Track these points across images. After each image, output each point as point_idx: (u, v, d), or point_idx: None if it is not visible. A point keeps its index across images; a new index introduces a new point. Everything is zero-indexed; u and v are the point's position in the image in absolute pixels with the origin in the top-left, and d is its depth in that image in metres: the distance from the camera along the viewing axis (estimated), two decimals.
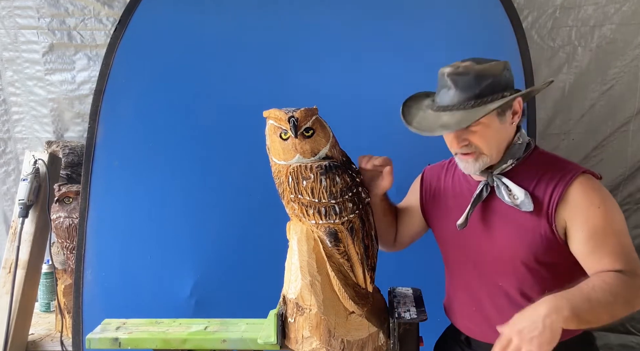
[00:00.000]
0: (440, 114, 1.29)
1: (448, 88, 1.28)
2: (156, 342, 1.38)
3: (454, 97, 1.27)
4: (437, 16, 2.05)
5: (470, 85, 1.25)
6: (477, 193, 1.33)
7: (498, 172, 1.33)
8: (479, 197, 1.33)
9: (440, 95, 1.30)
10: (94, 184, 2.07)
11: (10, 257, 2.20)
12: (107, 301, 2.01)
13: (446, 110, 1.28)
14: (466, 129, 1.26)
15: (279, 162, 1.34)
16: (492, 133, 1.29)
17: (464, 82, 1.26)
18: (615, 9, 2.25)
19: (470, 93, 1.25)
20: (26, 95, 2.52)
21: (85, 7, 2.41)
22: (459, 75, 1.27)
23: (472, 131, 1.27)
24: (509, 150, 1.32)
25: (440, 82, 1.30)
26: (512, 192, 1.29)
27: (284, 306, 1.33)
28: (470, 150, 1.29)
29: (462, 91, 1.26)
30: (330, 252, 1.34)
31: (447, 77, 1.27)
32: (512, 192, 1.29)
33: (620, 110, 2.32)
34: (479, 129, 1.27)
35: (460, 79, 1.26)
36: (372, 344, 1.33)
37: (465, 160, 1.31)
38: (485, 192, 1.33)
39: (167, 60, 2.11)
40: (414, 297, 1.47)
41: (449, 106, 1.27)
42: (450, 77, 1.27)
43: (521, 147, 1.34)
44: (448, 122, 1.26)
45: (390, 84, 2.02)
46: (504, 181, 1.31)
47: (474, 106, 1.25)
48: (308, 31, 2.08)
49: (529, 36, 2.19)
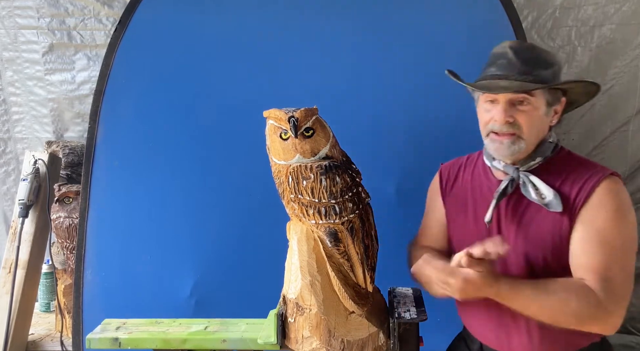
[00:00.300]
0: (495, 81, 1.26)
1: (508, 59, 1.26)
2: (156, 342, 1.38)
3: (513, 68, 1.25)
4: (437, 16, 2.05)
5: (532, 61, 1.25)
6: (502, 188, 1.29)
7: (525, 168, 1.30)
8: (503, 193, 1.29)
9: (496, 65, 1.28)
10: (94, 184, 2.07)
11: (10, 257, 2.20)
12: (107, 301, 2.01)
13: (502, 78, 1.26)
14: (515, 106, 1.24)
15: (279, 162, 1.34)
16: (537, 119, 1.26)
17: (526, 57, 1.25)
18: (615, 9, 2.25)
19: (530, 68, 1.24)
20: (26, 95, 2.52)
21: (85, 7, 2.41)
22: (523, 49, 1.27)
23: (521, 109, 1.25)
24: (539, 146, 1.30)
25: (497, 55, 1.29)
26: (540, 191, 1.26)
27: (284, 306, 1.33)
28: (511, 129, 1.25)
29: (523, 64, 1.24)
30: (330, 252, 1.34)
31: (510, 49, 1.26)
32: (539, 190, 1.26)
33: (620, 110, 2.32)
34: (528, 109, 1.25)
35: (523, 53, 1.26)
36: (372, 344, 1.33)
37: (501, 140, 1.27)
38: (510, 188, 1.29)
39: (167, 60, 2.10)
40: (414, 297, 1.47)
41: (507, 75, 1.25)
42: (513, 48, 1.26)
43: (550, 146, 1.32)
44: (509, 85, 1.23)
45: (390, 83, 2.02)
46: (531, 179, 1.27)
47: (533, 82, 1.23)
48: (308, 31, 2.08)
49: (529, 36, 2.19)
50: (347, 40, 2.06)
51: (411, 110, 2.01)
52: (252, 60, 2.08)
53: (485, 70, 1.33)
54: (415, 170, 1.98)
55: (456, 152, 1.95)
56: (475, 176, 1.41)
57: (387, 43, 2.05)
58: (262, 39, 2.08)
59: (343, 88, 2.03)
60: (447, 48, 2.02)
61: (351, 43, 2.06)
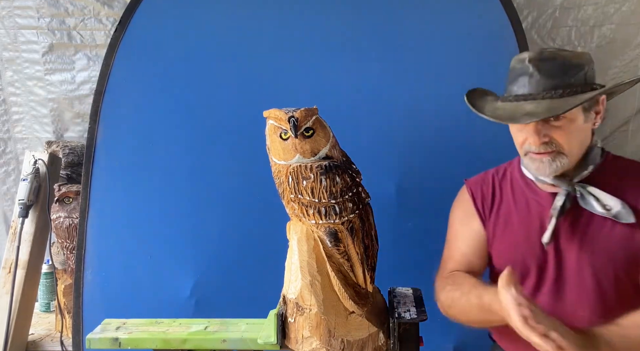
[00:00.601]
0: (520, 104, 1.14)
1: (529, 75, 1.14)
2: (156, 342, 1.38)
3: (538, 85, 1.13)
4: (436, 16, 2.05)
5: (557, 72, 1.12)
6: (559, 205, 1.17)
7: (578, 179, 1.19)
8: (562, 210, 1.17)
9: (518, 84, 1.16)
10: (94, 184, 2.06)
11: (10, 257, 2.20)
12: (107, 301, 2.01)
13: (528, 99, 1.13)
14: (548, 123, 1.13)
15: (279, 162, 1.34)
16: (575, 131, 1.15)
17: (550, 68, 1.13)
18: (614, 9, 2.25)
19: (556, 81, 1.12)
20: (26, 95, 2.52)
21: (85, 7, 2.41)
22: (544, 60, 1.14)
23: (555, 126, 1.13)
24: (587, 154, 1.20)
25: (517, 70, 1.17)
26: (602, 202, 1.15)
27: (284, 306, 1.33)
28: (549, 148, 1.15)
29: (548, 78, 1.12)
30: (330, 252, 1.34)
31: (530, 63, 1.14)
32: (601, 201, 1.15)
33: (620, 110, 2.32)
34: (563, 124, 1.13)
35: (545, 65, 1.13)
36: (372, 344, 1.33)
37: (540, 159, 1.16)
38: (569, 203, 1.18)
39: (167, 60, 2.10)
40: (414, 297, 1.47)
41: (532, 94, 1.13)
42: (534, 62, 1.14)
43: (599, 151, 1.22)
44: (534, 111, 1.11)
45: (390, 83, 2.02)
46: (590, 190, 1.16)
47: (562, 95, 1.11)
48: (308, 31, 2.08)
49: (529, 36, 2.19)
50: (347, 40, 2.06)
51: (411, 110, 2.01)
52: (252, 60, 2.08)
53: (507, 87, 1.21)
54: (415, 170, 1.98)
55: (456, 152, 1.97)
56: (517, 191, 1.29)
57: (387, 43, 2.05)
58: (262, 38, 2.08)
59: (343, 88, 2.03)
60: (447, 48, 2.02)
61: (351, 43, 2.06)
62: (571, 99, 1.10)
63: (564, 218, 1.19)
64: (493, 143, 1.96)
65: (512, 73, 1.19)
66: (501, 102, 1.20)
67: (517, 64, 1.18)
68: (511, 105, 1.16)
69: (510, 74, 1.20)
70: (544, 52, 1.15)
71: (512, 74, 1.19)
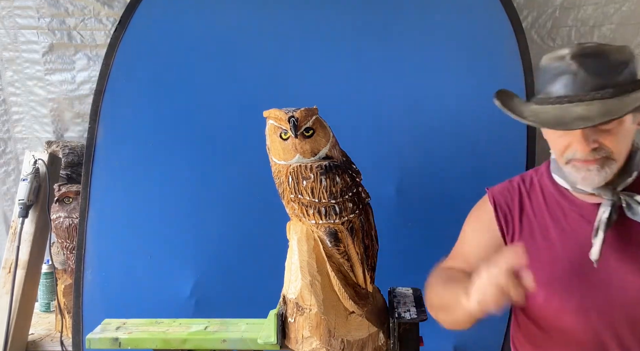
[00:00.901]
0: (565, 107, 1.01)
1: (573, 74, 1.01)
2: (156, 342, 1.38)
3: (585, 84, 1.00)
4: (436, 16, 2.05)
5: (603, 69, 1.01)
6: (605, 217, 1.06)
7: (622, 187, 1.08)
8: (609, 222, 1.06)
9: (558, 84, 1.03)
10: (94, 184, 2.06)
11: (10, 257, 2.20)
12: (107, 301, 2.01)
13: (574, 101, 1.01)
14: (597, 127, 1.00)
15: (279, 162, 1.34)
16: (626, 133, 1.04)
17: (596, 65, 1.01)
18: (614, 9, 2.25)
19: (604, 79, 1.00)
20: (26, 95, 2.52)
21: (85, 7, 2.41)
22: (588, 57, 1.02)
23: (604, 129, 1.01)
24: (631, 158, 1.09)
25: (556, 69, 1.04)
26: None
27: (284, 306, 1.33)
28: (597, 154, 1.03)
29: (595, 77, 1.00)
30: (330, 252, 1.34)
31: (572, 60, 1.01)
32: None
33: None
34: (612, 127, 1.01)
35: (590, 62, 1.01)
36: (372, 344, 1.33)
37: (587, 167, 1.04)
38: (615, 214, 1.06)
39: (167, 60, 2.10)
40: (414, 297, 1.47)
41: (578, 95, 1.00)
42: (577, 59, 1.01)
43: None
44: (587, 114, 0.98)
45: (390, 83, 2.02)
46: (638, 199, 1.05)
47: (614, 95, 0.99)
48: (308, 31, 2.08)
49: (529, 36, 2.19)
50: (347, 40, 2.06)
51: (411, 109, 2.01)
52: (252, 60, 2.08)
53: (542, 88, 1.07)
54: (416, 170, 1.98)
55: (456, 152, 1.97)
56: (551, 202, 1.16)
57: (387, 43, 2.05)
58: (262, 38, 2.08)
59: (343, 88, 2.03)
60: (447, 48, 2.02)
61: (351, 43, 2.06)
62: (625, 99, 0.99)
63: (610, 231, 1.08)
64: (493, 143, 1.97)
65: (548, 72, 1.06)
66: (537, 104, 1.06)
67: (554, 61, 1.05)
68: (554, 108, 1.02)
69: (545, 73, 1.07)
70: (585, 48, 1.03)
71: (547, 72, 1.06)
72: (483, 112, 1.94)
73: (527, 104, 1.09)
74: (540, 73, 1.09)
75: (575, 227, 1.12)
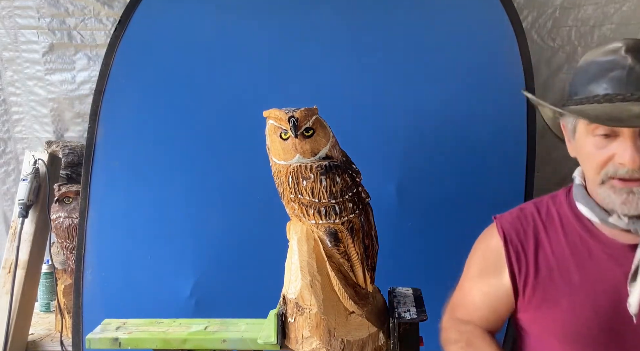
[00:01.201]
0: (617, 105, 0.87)
1: (628, 69, 0.88)
2: (156, 342, 1.38)
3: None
4: (436, 16, 2.05)
5: None
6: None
7: None
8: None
9: (607, 81, 0.89)
10: (94, 184, 2.06)
11: (10, 257, 2.20)
12: (107, 301, 2.01)
13: (629, 99, 0.87)
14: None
15: (279, 162, 1.34)
16: None
17: None
18: (615, 8, 2.25)
19: None
20: (26, 95, 2.52)
21: (85, 7, 2.41)
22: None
23: None
24: None
25: (606, 64, 0.91)
26: None
27: (284, 306, 1.33)
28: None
29: None
30: (330, 252, 1.34)
31: (627, 53, 0.89)
32: None
33: None
34: None
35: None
36: (372, 344, 1.33)
37: (630, 188, 0.88)
38: None
39: (167, 60, 2.10)
40: (414, 297, 1.47)
41: (634, 94, 0.87)
42: (633, 53, 0.89)
43: None
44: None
45: (390, 83, 2.02)
46: None
47: None
48: (308, 31, 2.08)
49: (529, 36, 2.19)
50: (347, 39, 2.06)
51: (411, 109, 2.01)
52: (252, 60, 2.08)
53: (581, 88, 0.95)
54: (416, 171, 1.98)
55: (456, 152, 1.97)
56: (572, 237, 0.98)
57: (387, 43, 2.05)
58: (262, 38, 2.08)
59: (343, 88, 2.03)
60: (447, 48, 2.02)
61: (351, 43, 2.06)
62: None
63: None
64: (493, 143, 1.97)
65: (593, 68, 0.93)
66: (578, 105, 0.92)
67: (602, 56, 0.92)
68: (603, 106, 0.88)
69: (586, 72, 0.94)
70: (638, 41, 0.91)
71: (591, 69, 0.93)
72: (483, 112, 1.94)
73: (564, 105, 0.96)
74: (580, 72, 0.96)
75: (604, 269, 0.94)
